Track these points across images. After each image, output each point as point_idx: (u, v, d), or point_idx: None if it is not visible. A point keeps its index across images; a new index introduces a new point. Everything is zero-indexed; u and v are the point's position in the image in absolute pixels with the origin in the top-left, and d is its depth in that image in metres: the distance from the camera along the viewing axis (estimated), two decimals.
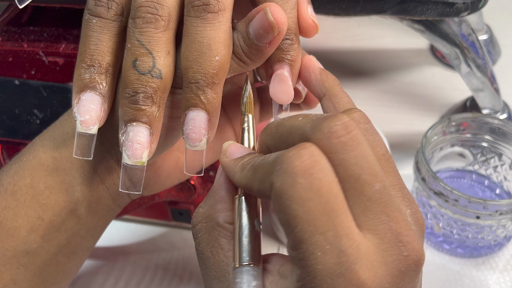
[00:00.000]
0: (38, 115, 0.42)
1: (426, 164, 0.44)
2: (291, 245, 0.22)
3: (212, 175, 0.44)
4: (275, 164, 0.23)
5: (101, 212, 0.34)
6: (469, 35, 0.49)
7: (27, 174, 0.31)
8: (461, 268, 0.47)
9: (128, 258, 0.49)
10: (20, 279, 0.31)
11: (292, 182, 0.22)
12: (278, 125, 0.26)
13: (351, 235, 0.22)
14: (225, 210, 0.26)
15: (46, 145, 0.32)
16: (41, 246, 0.32)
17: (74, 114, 0.28)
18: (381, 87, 0.66)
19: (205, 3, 0.27)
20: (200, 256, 0.27)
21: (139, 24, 0.27)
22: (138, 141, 0.28)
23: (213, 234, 0.26)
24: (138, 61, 0.27)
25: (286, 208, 0.22)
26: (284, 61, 0.30)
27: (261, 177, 0.24)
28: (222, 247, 0.26)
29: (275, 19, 0.28)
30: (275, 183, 0.22)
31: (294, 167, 0.22)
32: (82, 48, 0.29)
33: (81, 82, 0.28)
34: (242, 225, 0.25)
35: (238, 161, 0.26)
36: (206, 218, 0.27)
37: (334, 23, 0.75)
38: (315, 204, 0.22)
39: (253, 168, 0.25)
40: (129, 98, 0.27)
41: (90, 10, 0.28)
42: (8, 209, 0.31)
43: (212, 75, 0.27)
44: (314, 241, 0.21)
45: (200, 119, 0.28)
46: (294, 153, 0.22)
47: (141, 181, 0.29)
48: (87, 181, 0.32)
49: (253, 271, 0.24)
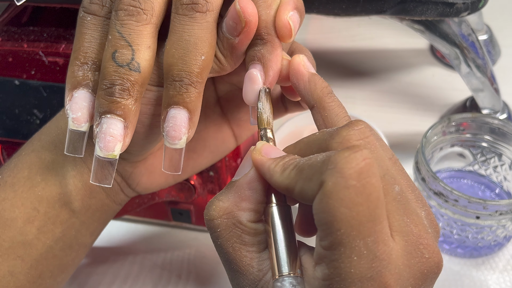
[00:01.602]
0: (38, 115, 0.43)
1: (426, 164, 0.44)
2: (328, 245, 0.22)
3: (212, 175, 0.44)
4: (327, 163, 0.22)
5: (95, 206, 0.34)
6: (469, 35, 0.49)
7: (26, 167, 0.32)
8: (461, 268, 0.47)
9: (128, 258, 0.49)
10: (17, 271, 0.32)
11: (346, 184, 0.22)
12: (296, 144, 0.26)
13: (387, 241, 0.22)
14: (249, 210, 0.26)
15: (43, 139, 0.33)
16: (37, 237, 0.32)
17: (67, 111, 0.28)
18: (381, 87, 0.66)
19: (194, 2, 0.27)
20: (220, 250, 0.26)
21: (121, 16, 0.27)
22: (111, 133, 0.27)
23: (235, 231, 0.26)
24: (117, 53, 0.27)
25: (333, 210, 0.22)
26: (254, 60, 0.29)
27: (309, 176, 0.23)
28: (245, 243, 0.26)
29: (241, 8, 0.27)
30: (327, 182, 0.22)
31: (349, 168, 0.22)
32: (76, 45, 0.29)
33: (74, 79, 0.28)
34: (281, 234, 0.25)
35: (278, 161, 0.25)
36: (227, 214, 0.26)
37: (334, 23, 0.75)
38: (363, 209, 0.22)
39: (298, 168, 0.24)
40: (105, 90, 0.27)
41: (84, 8, 0.28)
42: (6, 200, 0.32)
43: (197, 74, 0.27)
44: (354, 246, 0.22)
45: (181, 117, 0.28)
46: (349, 154, 0.22)
47: (111, 174, 0.29)
48: (79, 175, 0.33)
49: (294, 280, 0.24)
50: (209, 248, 0.49)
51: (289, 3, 0.29)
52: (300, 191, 0.24)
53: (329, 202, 0.22)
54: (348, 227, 0.22)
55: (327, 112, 0.28)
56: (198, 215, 0.48)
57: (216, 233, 0.26)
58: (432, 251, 0.24)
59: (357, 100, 0.64)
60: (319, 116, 0.28)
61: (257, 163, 0.26)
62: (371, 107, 0.63)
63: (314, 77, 0.29)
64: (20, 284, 0.32)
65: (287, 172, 0.25)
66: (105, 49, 0.28)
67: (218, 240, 0.26)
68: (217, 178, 0.44)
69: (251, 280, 0.26)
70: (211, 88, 0.36)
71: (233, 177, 0.28)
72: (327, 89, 0.29)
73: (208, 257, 0.49)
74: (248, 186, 0.26)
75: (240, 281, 0.26)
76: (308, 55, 0.32)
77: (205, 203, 0.47)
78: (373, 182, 0.22)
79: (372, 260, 0.22)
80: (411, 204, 0.24)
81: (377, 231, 0.22)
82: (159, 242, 0.50)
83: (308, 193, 0.23)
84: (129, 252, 0.50)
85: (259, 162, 0.26)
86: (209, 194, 0.46)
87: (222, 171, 0.44)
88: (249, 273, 0.26)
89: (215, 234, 0.26)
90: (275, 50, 0.29)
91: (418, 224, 0.24)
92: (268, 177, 0.26)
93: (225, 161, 0.44)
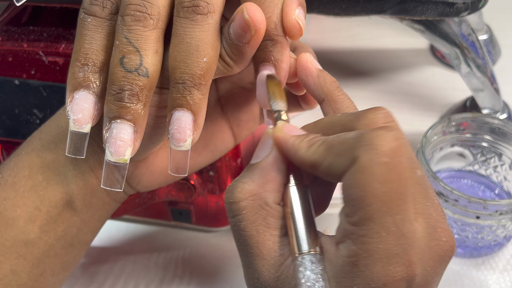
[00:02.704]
0: (38, 115, 0.43)
1: (426, 164, 0.44)
2: (357, 221, 0.23)
3: (212, 175, 0.44)
4: (361, 139, 0.23)
5: (96, 205, 0.34)
6: (469, 35, 0.49)
7: (26, 166, 0.32)
8: (461, 268, 0.47)
9: (128, 258, 0.49)
10: (19, 269, 0.32)
11: (379, 160, 0.22)
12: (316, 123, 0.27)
13: (413, 221, 0.23)
14: (275, 191, 0.26)
15: (43, 138, 0.33)
16: (39, 236, 0.32)
17: (68, 113, 0.28)
18: (381, 87, 0.66)
19: (194, 5, 0.27)
20: (241, 234, 0.26)
21: (128, 21, 0.27)
22: (121, 138, 0.28)
23: (261, 213, 0.26)
24: (126, 59, 0.27)
25: (366, 185, 0.22)
26: (267, 63, 0.29)
27: (339, 152, 0.24)
28: (270, 226, 0.26)
29: (250, 18, 0.27)
30: (361, 157, 0.23)
31: (383, 145, 0.22)
32: (77, 46, 0.29)
33: (74, 80, 0.28)
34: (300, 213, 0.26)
35: (303, 138, 0.26)
36: (253, 196, 0.26)
37: (334, 23, 0.75)
38: (395, 186, 0.22)
39: (327, 144, 0.25)
40: (114, 95, 0.27)
41: (85, 9, 0.29)
42: (7, 200, 0.32)
43: (199, 76, 0.27)
44: (383, 222, 0.22)
45: (185, 119, 0.28)
46: (383, 133, 0.23)
47: (123, 178, 0.29)
48: (80, 174, 0.33)
49: (314, 258, 0.25)
50: (209, 248, 0.49)
51: (294, 1, 0.29)
52: (329, 167, 0.24)
53: (362, 177, 0.22)
54: (379, 202, 0.22)
55: (338, 104, 0.29)
56: (198, 215, 0.48)
57: (240, 215, 0.26)
58: (448, 235, 0.24)
59: (357, 100, 0.63)
60: (330, 109, 0.29)
61: (279, 140, 0.27)
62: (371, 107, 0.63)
63: (322, 73, 0.30)
64: (22, 283, 0.32)
65: (314, 147, 0.25)
66: (112, 54, 0.28)
67: (241, 223, 0.26)
68: (217, 178, 0.44)
69: (271, 265, 0.26)
70: (212, 87, 0.36)
71: (252, 160, 0.28)
72: (336, 83, 0.30)
73: (208, 257, 0.49)
74: (272, 168, 0.27)
75: (260, 266, 0.26)
76: (311, 52, 0.33)
77: (205, 203, 0.47)
78: (405, 161, 0.23)
79: (399, 238, 0.23)
80: (429, 189, 0.25)
81: (405, 209, 0.23)
82: (159, 242, 0.50)
83: (337, 169, 0.24)
84: (130, 252, 0.50)
85: (282, 139, 0.27)
86: (209, 194, 0.46)
87: (222, 171, 0.44)
88: (270, 257, 0.26)
89: (239, 217, 0.26)
90: (284, 50, 0.29)
91: (436, 209, 0.24)
92: (293, 153, 0.26)
93: (225, 161, 0.44)
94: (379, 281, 0.23)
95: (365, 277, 0.23)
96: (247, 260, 0.27)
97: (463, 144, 0.51)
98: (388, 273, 0.23)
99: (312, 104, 0.34)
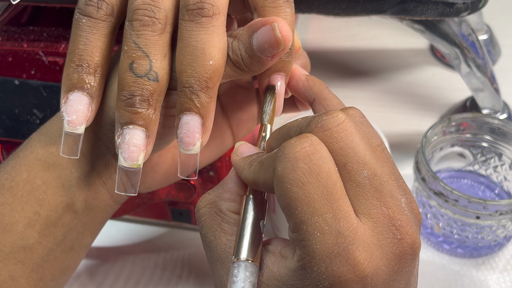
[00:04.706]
0: (38, 115, 0.42)
1: (426, 164, 0.44)
2: (292, 227, 0.24)
3: (212, 175, 0.44)
4: (278, 151, 0.24)
5: (98, 208, 0.34)
6: (469, 35, 0.49)
7: (24, 170, 0.32)
8: (461, 268, 0.47)
9: (127, 258, 0.49)
10: (18, 275, 0.32)
11: (293, 166, 0.23)
12: (280, 129, 0.28)
13: (348, 218, 0.23)
14: (230, 200, 0.27)
15: (43, 140, 0.32)
16: (38, 241, 0.32)
17: (62, 114, 0.28)
18: (381, 87, 0.66)
19: (199, 7, 0.27)
20: (204, 239, 0.28)
21: (136, 26, 0.27)
22: (134, 144, 0.28)
23: (216, 219, 0.27)
24: (135, 64, 0.27)
25: (287, 191, 0.23)
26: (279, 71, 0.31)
27: (266, 167, 0.25)
28: (225, 231, 0.27)
29: (282, 36, 0.28)
30: (277, 167, 0.24)
31: (295, 152, 0.23)
32: (71, 47, 0.29)
33: (69, 82, 0.28)
34: (246, 222, 0.26)
35: (246, 159, 0.27)
36: (210, 204, 0.28)
37: (334, 23, 0.75)
38: (314, 188, 0.23)
39: (260, 162, 0.26)
40: (125, 101, 0.27)
41: (80, 10, 0.29)
42: (5, 205, 0.31)
43: (206, 79, 0.27)
44: (313, 222, 0.23)
45: (194, 123, 0.28)
46: (295, 141, 0.24)
47: (137, 183, 0.29)
48: (84, 176, 0.32)
49: (251, 268, 0.25)
50: None
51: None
52: (263, 183, 0.25)
53: (281, 185, 0.23)
54: (303, 205, 0.23)
55: (328, 101, 0.30)
56: None
57: (201, 222, 0.28)
58: (405, 233, 0.24)
59: (357, 100, 0.64)
60: (321, 107, 0.30)
61: (232, 162, 0.28)
62: (371, 107, 0.63)
63: (310, 76, 0.32)
64: None
65: (252, 167, 0.26)
66: (121, 59, 0.28)
67: (202, 229, 0.28)
68: (217, 178, 0.44)
69: (227, 269, 0.26)
70: None
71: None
72: (324, 84, 0.31)
73: None
74: (231, 180, 0.28)
75: (219, 270, 0.27)
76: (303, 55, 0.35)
77: None
78: (320, 163, 0.23)
79: (336, 236, 0.23)
80: (385, 188, 0.24)
81: (335, 208, 0.23)
82: (159, 242, 0.51)
83: (268, 183, 0.25)
84: (130, 252, 0.50)
85: (233, 161, 0.28)
86: None
87: (222, 171, 0.44)
88: (227, 261, 0.26)
89: (200, 224, 0.28)
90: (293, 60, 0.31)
91: (391, 207, 0.24)
92: (240, 174, 0.27)
93: (225, 161, 0.44)
94: (325, 281, 0.23)
95: (312, 278, 0.23)
96: (211, 266, 0.27)
97: (463, 144, 0.51)
98: (332, 273, 0.23)
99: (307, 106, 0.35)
